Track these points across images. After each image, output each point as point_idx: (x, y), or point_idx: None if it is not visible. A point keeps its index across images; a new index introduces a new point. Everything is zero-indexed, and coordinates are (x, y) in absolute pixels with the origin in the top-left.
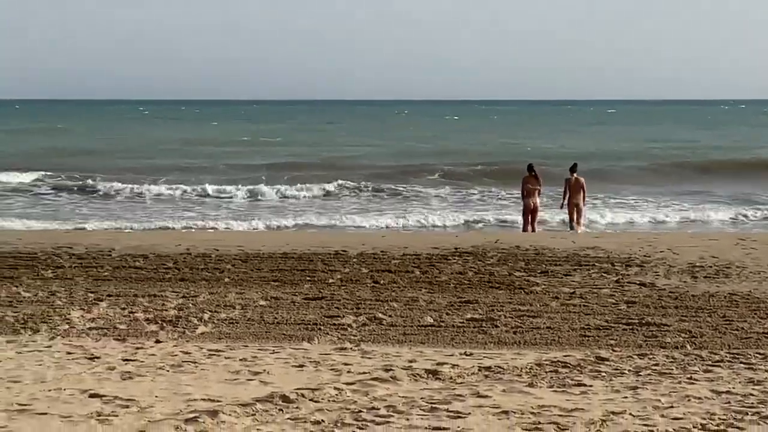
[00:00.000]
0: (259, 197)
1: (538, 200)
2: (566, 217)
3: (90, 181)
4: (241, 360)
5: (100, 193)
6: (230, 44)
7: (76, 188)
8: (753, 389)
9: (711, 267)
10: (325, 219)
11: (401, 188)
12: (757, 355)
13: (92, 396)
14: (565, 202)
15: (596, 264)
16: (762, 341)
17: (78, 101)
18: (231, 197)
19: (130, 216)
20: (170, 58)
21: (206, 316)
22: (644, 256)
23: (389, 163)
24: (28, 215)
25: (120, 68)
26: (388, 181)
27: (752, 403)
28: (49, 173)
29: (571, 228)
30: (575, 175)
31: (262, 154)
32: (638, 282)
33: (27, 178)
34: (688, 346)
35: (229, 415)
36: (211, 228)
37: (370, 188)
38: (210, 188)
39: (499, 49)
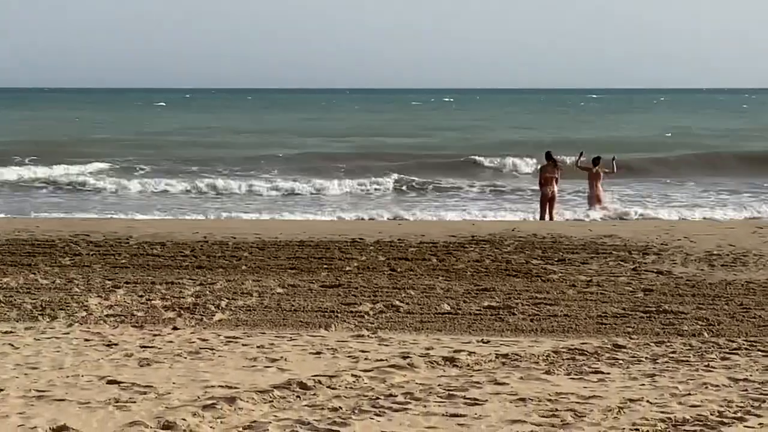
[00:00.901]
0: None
1: (556, 188)
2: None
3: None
4: (258, 347)
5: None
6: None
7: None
8: None
9: (728, 255)
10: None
11: None
12: None
13: (110, 382)
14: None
15: (613, 252)
16: None
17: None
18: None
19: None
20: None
21: (223, 304)
22: (661, 244)
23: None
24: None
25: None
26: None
27: None
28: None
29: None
30: (596, 167)
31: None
32: (655, 270)
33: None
34: (705, 334)
35: (247, 401)
36: None
37: None
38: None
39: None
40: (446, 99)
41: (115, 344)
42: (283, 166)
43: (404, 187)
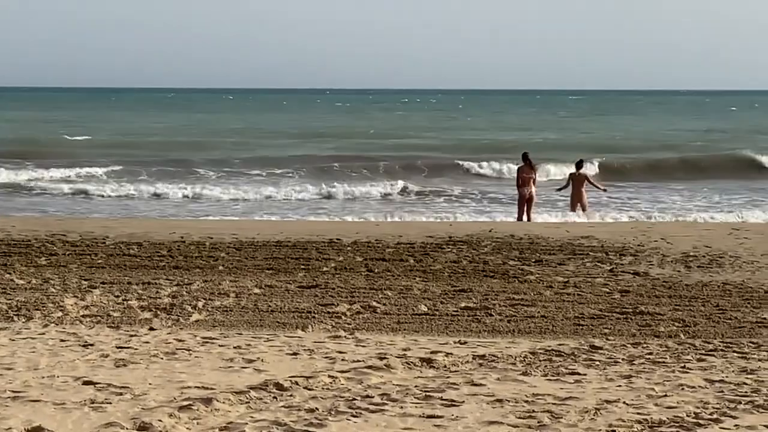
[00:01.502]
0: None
1: (533, 189)
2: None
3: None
4: (235, 348)
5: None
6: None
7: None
8: (746, 378)
9: (704, 257)
10: None
11: None
12: (750, 344)
13: (86, 383)
14: (566, 192)
15: (590, 253)
16: (755, 330)
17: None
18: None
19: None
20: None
21: (200, 304)
22: (638, 245)
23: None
24: None
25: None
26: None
27: (745, 392)
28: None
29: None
30: (580, 171)
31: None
32: (632, 271)
33: None
34: (682, 335)
35: (223, 402)
36: None
37: None
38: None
39: None
40: (417, 100)
41: (91, 345)
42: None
43: (396, 192)
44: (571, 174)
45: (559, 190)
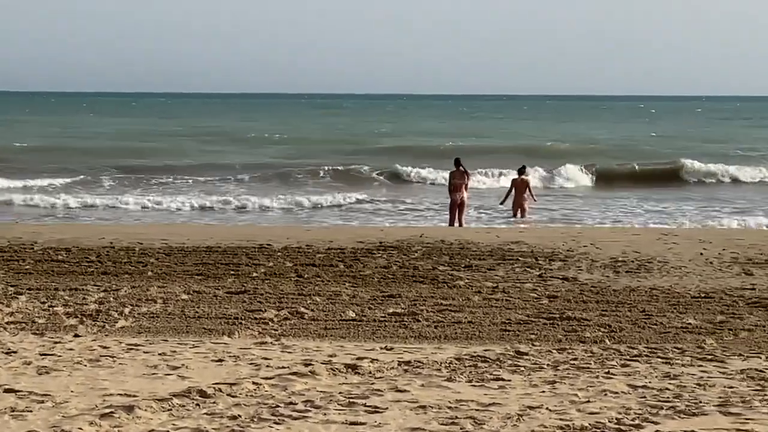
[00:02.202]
0: None
1: (465, 195)
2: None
3: None
4: (159, 354)
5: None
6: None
7: None
8: (669, 384)
9: (633, 262)
10: None
11: None
12: (675, 350)
13: (7, 391)
14: (509, 201)
15: (520, 258)
16: (680, 336)
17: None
18: None
19: None
20: None
21: (127, 310)
22: (567, 250)
23: None
24: None
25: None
26: None
27: (667, 398)
28: None
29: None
30: (522, 176)
31: None
32: (561, 276)
33: None
34: (607, 341)
35: (145, 410)
36: None
37: None
38: None
39: None
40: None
41: (14, 352)
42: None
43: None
44: (513, 180)
45: (503, 202)
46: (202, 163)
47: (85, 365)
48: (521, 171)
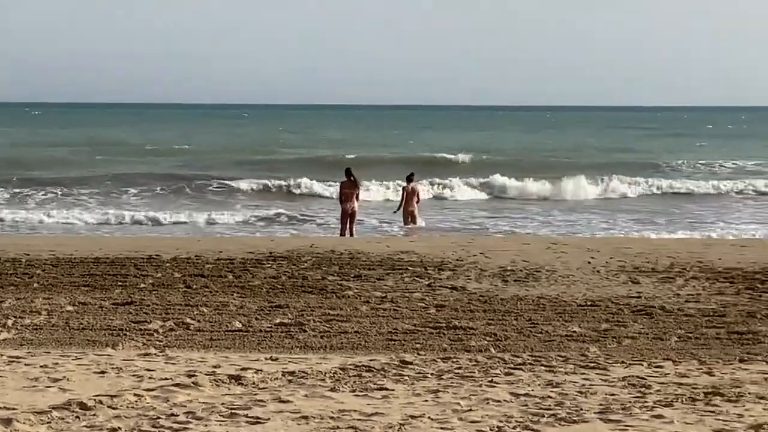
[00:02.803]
0: None
1: (356, 204)
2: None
3: None
4: (41, 367)
5: None
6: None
7: None
8: (551, 392)
9: (522, 271)
10: None
11: None
12: (558, 358)
13: None
14: (401, 209)
15: (409, 268)
16: (564, 344)
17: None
18: None
19: None
20: None
21: (10, 322)
22: (457, 260)
23: None
24: None
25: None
26: None
27: (549, 405)
28: None
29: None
30: (411, 184)
31: None
32: (449, 286)
33: None
34: (492, 349)
35: (23, 423)
36: None
37: None
38: None
39: None
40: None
41: None
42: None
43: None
44: (403, 188)
45: (396, 211)
46: (98, 175)
47: None
48: (410, 178)
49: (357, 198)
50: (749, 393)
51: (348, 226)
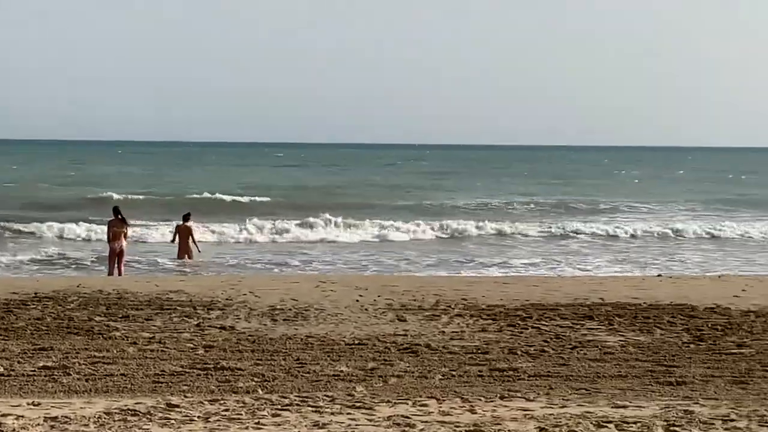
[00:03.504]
0: None
1: (124, 243)
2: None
3: None
4: None
5: None
6: None
7: None
8: None
9: (290, 309)
10: None
11: None
12: (326, 398)
13: None
14: (176, 243)
15: (178, 308)
16: (331, 383)
17: None
18: None
19: None
20: None
21: None
22: (227, 299)
23: None
24: None
25: None
26: None
27: None
28: None
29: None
30: (186, 223)
31: None
32: (219, 326)
33: None
34: (260, 390)
35: None
36: None
37: None
38: None
39: None
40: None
41: None
42: None
43: None
44: (177, 226)
45: (172, 241)
46: None
47: None
48: (186, 218)
49: (125, 236)
50: (508, 430)
51: (117, 264)
